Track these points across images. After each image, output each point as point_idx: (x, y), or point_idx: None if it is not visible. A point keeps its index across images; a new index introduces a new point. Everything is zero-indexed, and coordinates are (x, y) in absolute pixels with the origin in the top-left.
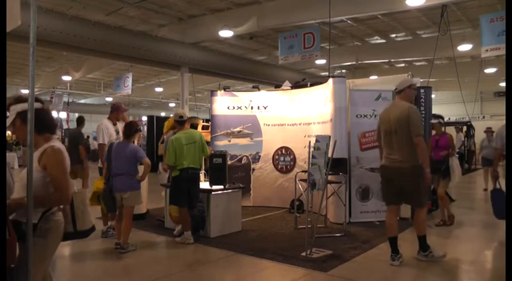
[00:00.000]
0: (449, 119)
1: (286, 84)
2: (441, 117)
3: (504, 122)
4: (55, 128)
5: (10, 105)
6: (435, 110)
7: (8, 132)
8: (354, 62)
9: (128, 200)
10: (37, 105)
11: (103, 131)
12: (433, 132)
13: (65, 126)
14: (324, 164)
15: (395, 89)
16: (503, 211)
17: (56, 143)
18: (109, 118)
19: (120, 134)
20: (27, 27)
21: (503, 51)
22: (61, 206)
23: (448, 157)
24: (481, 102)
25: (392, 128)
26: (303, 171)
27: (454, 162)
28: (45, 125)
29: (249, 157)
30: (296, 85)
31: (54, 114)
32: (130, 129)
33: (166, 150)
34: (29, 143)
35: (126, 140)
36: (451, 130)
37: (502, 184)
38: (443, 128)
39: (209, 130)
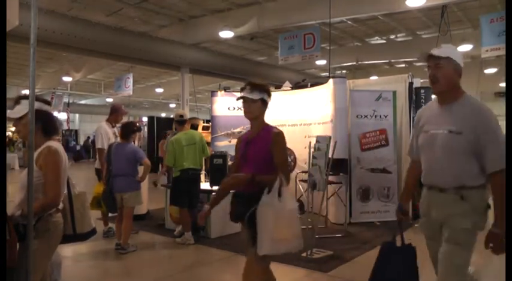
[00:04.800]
0: None
1: (287, 84)
2: None
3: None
4: (59, 130)
5: (21, 99)
6: None
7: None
8: (354, 63)
9: (128, 200)
10: (47, 107)
11: (102, 135)
12: None
13: (65, 127)
14: (324, 164)
15: None
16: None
17: (54, 143)
18: (108, 120)
19: (118, 137)
20: (27, 28)
21: (503, 52)
22: (59, 207)
23: None
24: None
25: None
26: (303, 171)
27: None
28: (54, 128)
29: None
30: (296, 86)
31: (55, 114)
32: (128, 129)
33: (166, 151)
34: (29, 144)
35: (125, 141)
36: None
37: None
38: None
39: (209, 131)
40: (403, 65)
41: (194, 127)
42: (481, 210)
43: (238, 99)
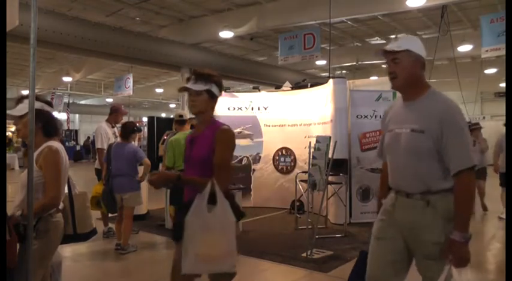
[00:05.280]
0: None
1: (287, 85)
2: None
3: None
4: (59, 131)
5: (24, 98)
6: None
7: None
8: (354, 63)
9: (128, 200)
10: (48, 108)
11: (101, 135)
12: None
13: (65, 127)
14: (324, 164)
15: None
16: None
17: (54, 143)
18: (107, 120)
19: (118, 137)
20: (27, 28)
21: (503, 52)
22: (60, 207)
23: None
24: (481, 103)
25: None
26: (303, 172)
27: None
28: (54, 128)
29: (250, 158)
30: (296, 86)
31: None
32: (127, 129)
33: (165, 151)
34: (30, 144)
35: (125, 141)
36: None
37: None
38: None
39: None
40: None
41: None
42: (449, 217)
43: (180, 90)
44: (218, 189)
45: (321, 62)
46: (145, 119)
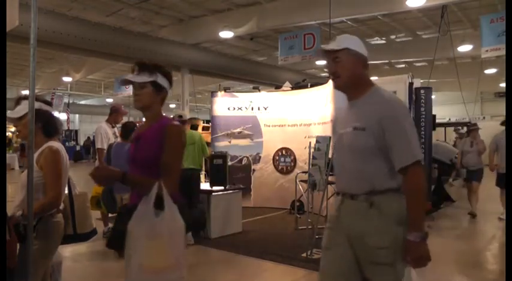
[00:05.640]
0: (449, 119)
1: (287, 85)
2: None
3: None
4: (60, 131)
5: (21, 100)
6: (435, 111)
7: (8, 134)
8: None
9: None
10: (47, 107)
11: (101, 135)
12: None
13: (65, 127)
14: (324, 164)
15: None
16: None
17: (55, 143)
18: (107, 120)
19: (118, 137)
20: (27, 28)
21: (503, 52)
22: (60, 208)
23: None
24: (481, 103)
25: None
26: (303, 172)
27: None
28: (54, 128)
29: (250, 158)
30: (296, 86)
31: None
32: (127, 129)
33: None
34: (29, 144)
35: (125, 141)
36: (451, 131)
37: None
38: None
39: (209, 131)
40: (403, 66)
41: (194, 127)
42: (396, 219)
43: (122, 83)
44: (166, 192)
45: (321, 62)
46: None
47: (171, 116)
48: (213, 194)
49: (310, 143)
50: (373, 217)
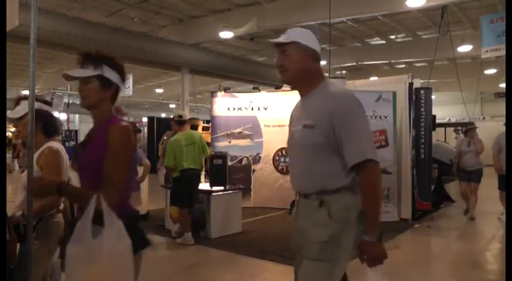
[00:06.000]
0: (449, 120)
1: (287, 85)
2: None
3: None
4: (59, 131)
5: (21, 100)
6: (435, 111)
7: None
8: (354, 63)
9: None
10: (47, 107)
11: None
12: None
13: (65, 127)
14: None
15: None
16: None
17: (55, 144)
18: None
19: None
20: (27, 28)
21: (503, 52)
22: (60, 208)
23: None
24: (481, 103)
25: None
26: None
27: None
28: (54, 128)
29: (250, 158)
30: None
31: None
32: None
33: (166, 151)
34: (29, 144)
35: None
36: (450, 132)
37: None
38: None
39: (209, 131)
40: (403, 66)
41: (194, 127)
42: (342, 218)
43: (65, 79)
44: (106, 206)
45: (320, 63)
46: (145, 120)
47: (172, 116)
48: (213, 194)
49: None
50: (321, 214)
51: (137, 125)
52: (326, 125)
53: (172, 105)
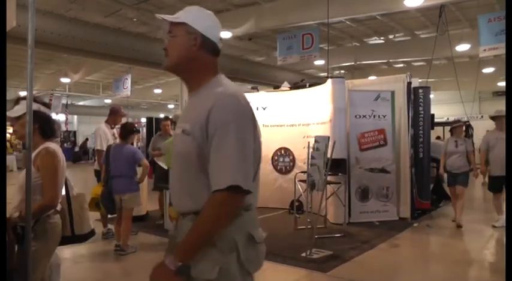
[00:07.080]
0: (447, 119)
1: (285, 85)
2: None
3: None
4: (57, 133)
5: (20, 100)
6: (434, 110)
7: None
8: (353, 63)
9: (127, 202)
10: (45, 109)
11: (101, 136)
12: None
13: (64, 128)
14: (323, 164)
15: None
16: None
17: (52, 144)
18: (106, 121)
19: (117, 138)
20: (25, 29)
21: (500, 51)
22: (57, 209)
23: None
24: (479, 102)
25: None
26: (302, 172)
27: None
28: (51, 129)
29: None
30: (295, 86)
31: (53, 116)
32: (126, 130)
33: (166, 152)
34: (28, 145)
35: (123, 142)
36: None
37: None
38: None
39: None
40: (402, 65)
41: None
42: (226, 247)
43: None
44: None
45: (319, 62)
46: (143, 120)
47: (170, 117)
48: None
49: (308, 143)
50: None
51: (136, 126)
52: (200, 133)
53: (170, 106)
